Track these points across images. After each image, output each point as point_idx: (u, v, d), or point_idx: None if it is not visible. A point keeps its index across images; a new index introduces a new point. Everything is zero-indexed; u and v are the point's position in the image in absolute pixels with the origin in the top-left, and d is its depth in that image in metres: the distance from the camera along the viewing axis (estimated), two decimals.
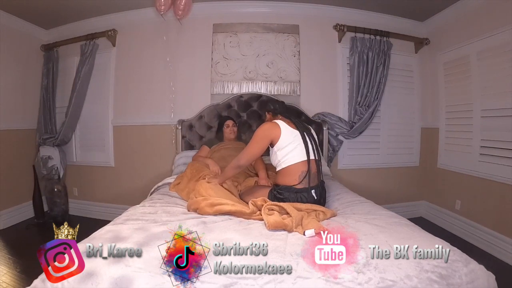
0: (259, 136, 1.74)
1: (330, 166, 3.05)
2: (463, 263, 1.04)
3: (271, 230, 1.28)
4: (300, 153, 1.74)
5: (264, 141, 1.73)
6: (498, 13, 2.45)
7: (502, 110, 2.45)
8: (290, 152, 1.73)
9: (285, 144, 1.72)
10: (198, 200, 1.61)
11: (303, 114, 3.07)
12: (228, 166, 1.84)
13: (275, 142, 1.74)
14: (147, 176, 3.19)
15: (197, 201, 1.60)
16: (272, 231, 1.28)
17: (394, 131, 3.35)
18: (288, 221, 1.32)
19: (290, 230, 1.29)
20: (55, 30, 3.46)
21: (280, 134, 1.73)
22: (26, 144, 3.39)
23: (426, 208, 3.40)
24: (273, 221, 1.29)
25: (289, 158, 1.74)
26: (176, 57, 3.14)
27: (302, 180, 1.70)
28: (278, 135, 1.73)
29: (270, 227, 1.28)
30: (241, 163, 1.78)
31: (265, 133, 1.74)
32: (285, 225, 1.30)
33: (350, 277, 0.96)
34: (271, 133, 1.73)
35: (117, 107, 3.31)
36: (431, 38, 3.29)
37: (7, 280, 2.03)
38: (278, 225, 1.29)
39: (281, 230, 1.30)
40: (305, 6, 3.10)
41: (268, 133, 1.73)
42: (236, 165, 1.80)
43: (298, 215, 1.37)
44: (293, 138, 1.74)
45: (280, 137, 1.72)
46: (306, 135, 1.79)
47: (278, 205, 1.50)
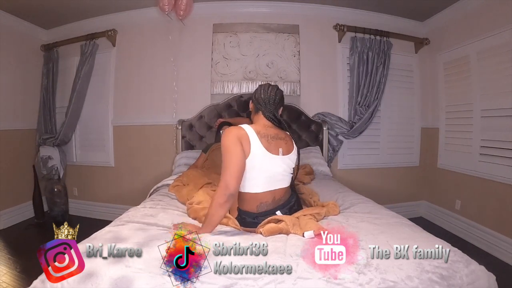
0: (229, 143, 1.33)
1: (330, 166, 3.04)
2: (464, 264, 1.04)
3: (268, 236, 1.27)
4: (263, 183, 1.40)
5: (236, 146, 1.32)
6: (498, 13, 2.45)
7: (502, 110, 2.45)
8: (251, 180, 1.39)
9: (249, 167, 1.35)
10: (196, 209, 1.57)
11: (303, 114, 3.08)
12: (211, 207, 1.28)
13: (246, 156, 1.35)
14: (147, 176, 3.19)
15: (196, 209, 1.57)
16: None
17: (394, 131, 3.35)
18: (282, 225, 1.29)
19: (287, 232, 1.28)
20: (55, 30, 3.46)
21: (250, 150, 1.35)
22: (26, 144, 3.39)
23: (426, 208, 3.40)
24: (268, 228, 1.28)
25: (247, 186, 1.40)
26: (177, 57, 3.14)
27: (262, 210, 1.41)
28: (248, 150, 1.35)
29: (266, 233, 1.27)
30: (230, 187, 1.26)
31: (232, 137, 1.34)
32: (280, 229, 1.28)
33: (351, 277, 0.96)
34: (239, 137, 1.35)
35: (117, 107, 3.31)
36: (431, 38, 3.29)
37: (7, 280, 2.03)
38: (273, 231, 1.27)
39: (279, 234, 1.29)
40: (305, 6, 3.10)
41: (236, 137, 1.34)
42: (224, 197, 1.25)
43: (292, 218, 1.35)
44: (260, 163, 1.37)
45: (250, 154, 1.35)
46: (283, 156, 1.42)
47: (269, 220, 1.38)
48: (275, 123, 1.48)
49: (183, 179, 2.14)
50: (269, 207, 1.42)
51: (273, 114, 1.49)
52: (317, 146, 3.02)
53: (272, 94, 1.49)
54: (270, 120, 1.47)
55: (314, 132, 3.07)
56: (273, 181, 1.42)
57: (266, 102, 1.48)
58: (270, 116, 1.48)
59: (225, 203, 1.26)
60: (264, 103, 1.49)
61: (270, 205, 1.42)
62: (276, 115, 1.50)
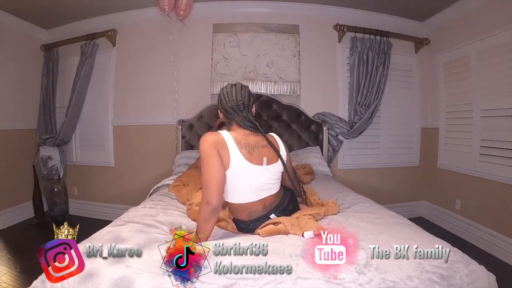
0: (204, 152, 1.23)
1: (330, 166, 3.04)
2: (464, 264, 1.04)
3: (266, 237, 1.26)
4: (249, 194, 1.32)
5: (213, 157, 1.22)
6: (498, 13, 2.45)
7: (502, 110, 2.45)
8: (235, 191, 1.31)
9: (231, 178, 1.27)
10: (196, 210, 1.54)
11: (303, 114, 3.08)
12: (198, 221, 1.24)
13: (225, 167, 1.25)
14: (147, 176, 3.19)
15: (195, 211, 1.55)
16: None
17: (394, 131, 3.35)
18: (280, 226, 1.28)
19: (286, 233, 1.27)
20: (55, 30, 3.46)
21: (229, 162, 1.25)
22: (26, 144, 3.39)
23: (426, 208, 3.40)
24: (266, 230, 1.27)
25: (232, 197, 1.33)
26: (177, 57, 3.14)
27: (253, 217, 1.35)
28: (227, 161, 1.25)
29: (263, 234, 1.26)
30: (212, 202, 1.18)
31: (208, 146, 1.24)
32: (279, 230, 1.27)
33: (351, 277, 0.96)
34: (216, 144, 1.25)
35: (117, 107, 3.31)
36: (431, 38, 3.29)
37: (7, 280, 2.03)
38: (271, 232, 1.26)
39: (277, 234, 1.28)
40: (305, 6, 3.10)
41: (212, 145, 1.24)
42: (207, 212, 1.19)
43: (291, 218, 1.35)
44: (243, 174, 1.28)
45: (230, 166, 1.25)
46: (268, 166, 1.32)
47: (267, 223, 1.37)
48: (254, 129, 1.33)
49: (183, 179, 2.14)
50: (260, 213, 1.36)
51: (248, 120, 1.34)
52: (317, 146, 3.02)
53: (240, 97, 1.34)
54: (247, 128, 1.33)
55: (314, 132, 3.07)
56: (259, 190, 1.33)
57: (236, 110, 1.33)
58: (246, 124, 1.33)
59: (210, 217, 1.20)
60: (235, 111, 1.34)
61: (261, 212, 1.36)
62: (251, 119, 1.34)
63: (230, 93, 1.35)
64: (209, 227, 1.21)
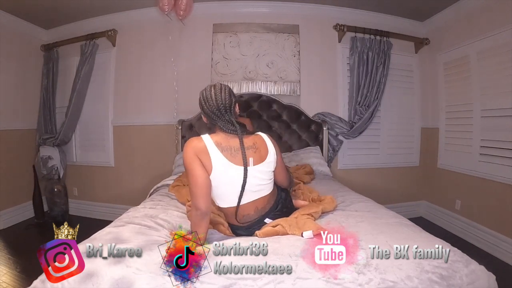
0: (186, 160, 1.25)
1: (330, 166, 3.04)
2: (463, 264, 1.04)
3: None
4: (238, 197, 1.29)
5: (194, 165, 1.23)
6: (498, 13, 2.45)
7: (502, 110, 2.45)
8: (222, 196, 1.32)
9: (216, 183, 1.27)
10: None
11: (303, 114, 3.08)
12: (191, 226, 1.26)
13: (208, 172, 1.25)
14: (147, 176, 3.19)
15: None
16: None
17: (394, 131, 3.35)
18: (278, 227, 1.28)
19: (284, 233, 1.26)
20: (55, 30, 3.46)
21: (212, 166, 1.24)
22: (26, 144, 3.39)
23: (426, 208, 3.40)
24: (264, 231, 1.27)
25: (220, 201, 1.34)
26: (177, 57, 3.14)
27: (246, 221, 1.34)
28: (209, 166, 1.24)
29: (261, 235, 1.26)
30: (200, 207, 1.20)
31: (188, 154, 1.25)
32: (277, 232, 1.26)
33: (351, 277, 0.96)
34: (196, 152, 1.25)
35: (117, 107, 3.31)
36: (431, 38, 3.29)
37: (7, 280, 2.03)
38: (269, 234, 1.26)
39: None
40: (305, 6, 3.10)
41: (192, 153, 1.25)
42: (198, 217, 1.21)
43: (289, 219, 1.34)
44: (227, 178, 1.26)
45: (212, 171, 1.24)
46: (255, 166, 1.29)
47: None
48: (236, 133, 1.29)
49: (183, 179, 2.14)
50: (253, 217, 1.34)
51: (230, 123, 1.30)
52: (317, 146, 3.02)
53: (220, 100, 1.30)
54: (230, 132, 1.29)
55: (314, 132, 3.07)
56: (249, 192, 1.30)
57: (218, 114, 1.30)
58: (228, 127, 1.29)
59: (201, 221, 1.21)
60: (216, 116, 1.30)
61: (254, 215, 1.34)
62: (233, 121, 1.30)
63: (209, 97, 1.32)
64: (202, 230, 1.21)
